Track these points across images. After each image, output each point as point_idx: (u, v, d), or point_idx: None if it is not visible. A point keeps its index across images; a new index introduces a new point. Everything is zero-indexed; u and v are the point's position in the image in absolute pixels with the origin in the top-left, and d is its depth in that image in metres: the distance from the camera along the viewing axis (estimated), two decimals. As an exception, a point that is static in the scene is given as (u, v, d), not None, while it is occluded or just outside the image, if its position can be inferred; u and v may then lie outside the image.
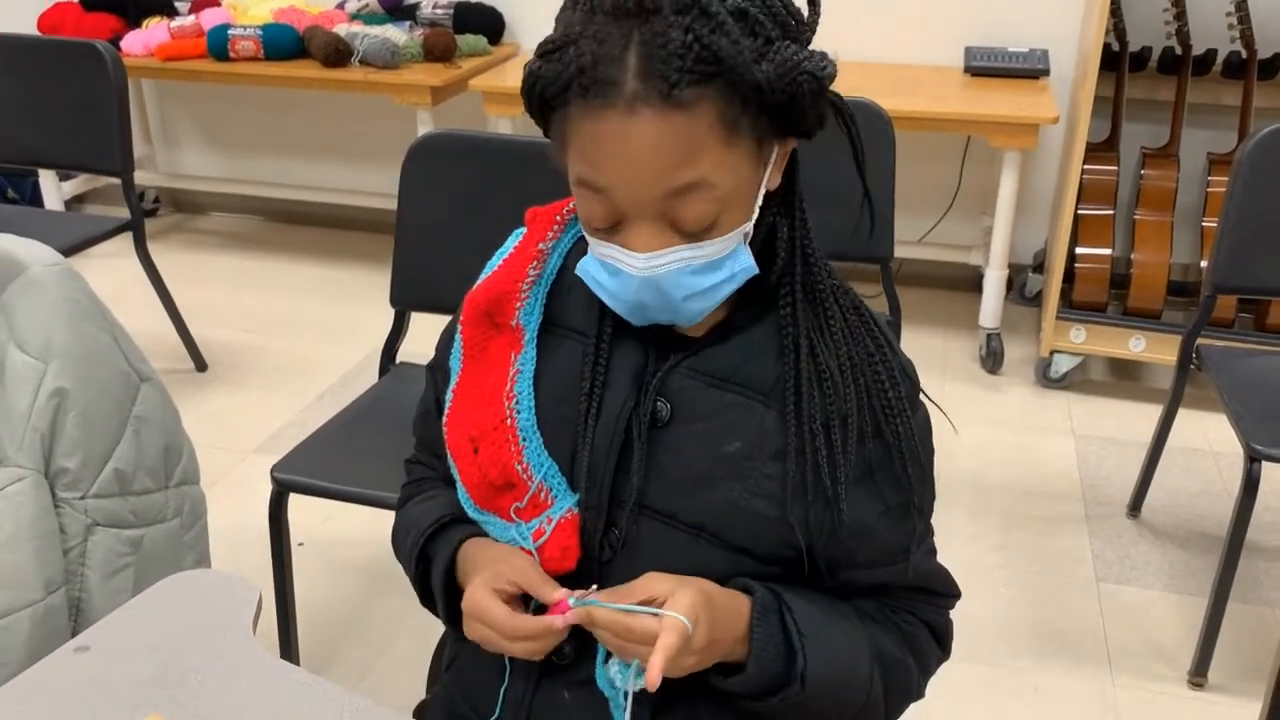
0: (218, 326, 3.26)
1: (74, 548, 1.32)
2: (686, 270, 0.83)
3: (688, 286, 0.83)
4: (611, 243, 0.84)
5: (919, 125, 2.80)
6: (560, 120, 0.81)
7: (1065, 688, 1.94)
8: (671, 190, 0.79)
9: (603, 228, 0.84)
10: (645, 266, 0.82)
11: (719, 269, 0.84)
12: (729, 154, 0.80)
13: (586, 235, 0.87)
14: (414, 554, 1.01)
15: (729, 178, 0.81)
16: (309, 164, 4.01)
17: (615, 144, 0.78)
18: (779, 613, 0.90)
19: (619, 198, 0.81)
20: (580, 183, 0.82)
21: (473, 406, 0.95)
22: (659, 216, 0.81)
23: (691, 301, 0.85)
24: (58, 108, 2.77)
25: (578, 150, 0.81)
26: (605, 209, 0.82)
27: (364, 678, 1.96)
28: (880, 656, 0.95)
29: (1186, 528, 2.39)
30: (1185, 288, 3.14)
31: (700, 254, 0.83)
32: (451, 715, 1.03)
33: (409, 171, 1.84)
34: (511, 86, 3.08)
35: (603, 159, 0.79)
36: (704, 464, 0.90)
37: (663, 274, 0.82)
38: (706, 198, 0.80)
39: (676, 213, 0.81)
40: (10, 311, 1.32)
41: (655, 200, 0.80)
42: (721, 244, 0.83)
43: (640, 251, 0.82)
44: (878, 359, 0.91)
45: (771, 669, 0.89)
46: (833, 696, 0.92)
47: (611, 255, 0.84)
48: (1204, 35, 2.95)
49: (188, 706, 0.89)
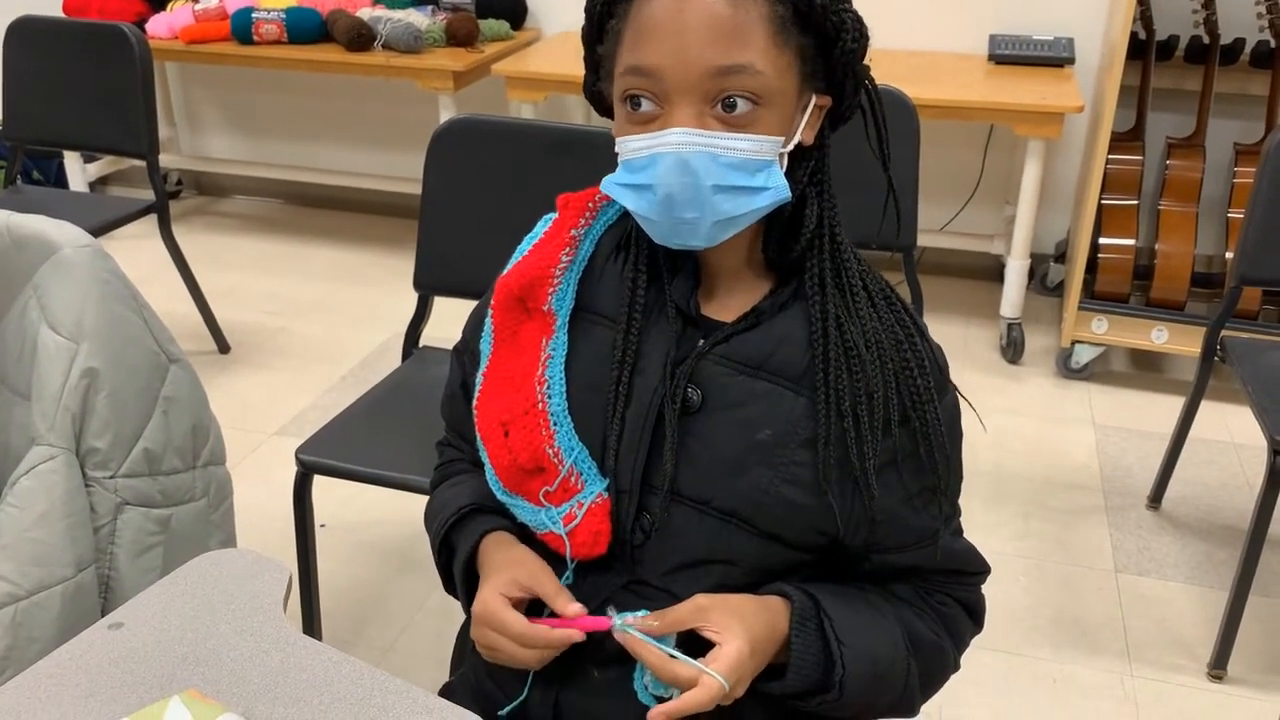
0: (240, 309, 3.28)
1: (104, 526, 1.33)
2: (721, 160, 0.84)
3: (720, 175, 0.84)
4: (649, 131, 0.85)
5: (943, 114, 2.79)
6: (621, 16, 0.86)
7: (1083, 678, 1.94)
8: (720, 68, 0.82)
9: (642, 122, 0.85)
10: (682, 141, 0.83)
11: (752, 174, 0.85)
12: (774, 54, 0.83)
13: (619, 144, 0.88)
14: (437, 542, 1.02)
15: (772, 75, 0.84)
16: (331, 147, 4.02)
17: (675, 16, 0.82)
18: (817, 619, 0.91)
19: (667, 74, 0.83)
20: (630, 70, 0.85)
21: (503, 390, 0.96)
22: (702, 97, 0.83)
23: (722, 198, 0.85)
24: (83, 90, 2.78)
25: (634, 36, 0.85)
26: (651, 94, 0.84)
27: (385, 657, 1.97)
28: (916, 645, 0.96)
29: (1207, 520, 2.38)
30: (1209, 279, 3.12)
31: (736, 145, 0.84)
32: (478, 696, 1.04)
33: (433, 156, 1.85)
34: (534, 71, 3.08)
35: (660, 32, 0.83)
36: (735, 451, 0.90)
37: (698, 152, 0.83)
38: (751, 84, 0.83)
39: (720, 95, 0.83)
40: (43, 292, 1.34)
41: (704, 77, 0.82)
42: (757, 143, 0.85)
43: (679, 127, 0.83)
44: (906, 346, 0.92)
45: (810, 677, 0.91)
46: (871, 693, 0.93)
47: (647, 144, 0.85)
48: (1232, 24, 2.92)
49: (220, 683, 0.90)
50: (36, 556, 1.24)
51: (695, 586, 0.92)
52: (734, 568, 0.92)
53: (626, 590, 0.93)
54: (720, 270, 0.94)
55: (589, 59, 0.95)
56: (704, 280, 0.95)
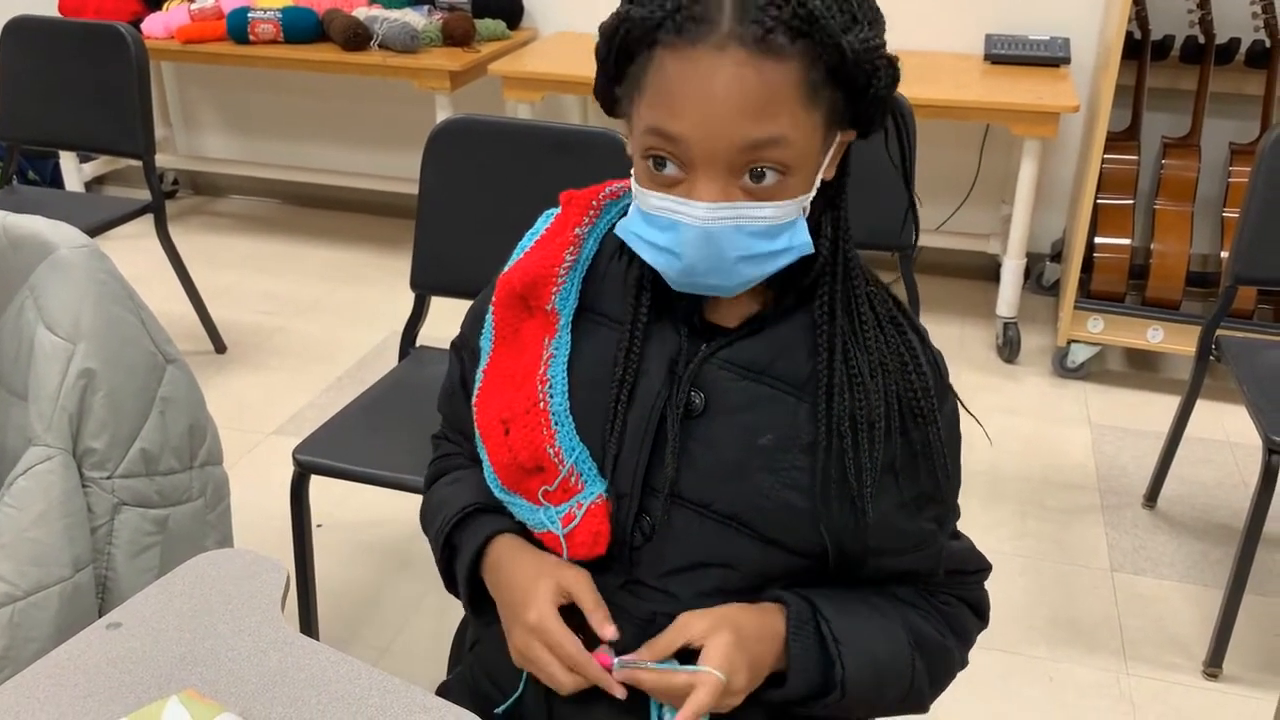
0: (237, 309, 3.28)
1: (101, 527, 1.33)
2: (746, 230, 0.82)
3: (744, 247, 0.83)
4: (672, 195, 0.83)
5: (940, 113, 2.79)
6: (641, 65, 0.81)
7: (1080, 676, 1.94)
8: (750, 143, 0.79)
9: (664, 184, 0.83)
10: (707, 216, 0.81)
11: (777, 237, 0.84)
12: (806, 118, 0.80)
13: (639, 194, 0.85)
14: (440, 541, 1.01)
15: (802, 141, 0.81)
16: (328, 147, 4.02)
17: (702, 83, 0.77)
18: (814, 622, 0.91)
19: (694, 145, 0.79)
20: (653, 131, 0.81)
21: (504, 388, 0.95)
22: (728, 170, 0.80)
23: (744, 265, 0.84)
24: (79, 89, 2.78)
25: (656, 94, 0.80)
26: (675, 159, 0.81)
27: (382, 657, 1.98)
28: (920, 644, 0.96)
29: (1203, 519, 2.39)
30: (1205, 278, 3.12)
31: (761, 214, 0.82)
32: (475, 695, 1.04)
33: (430, 156, 1.85)
34: (531, 71, 3.08)
35: (686, 101, 0.78)
36: (737, 455, 0.90)
37: (723, 227, 0.81)
38: (781, 156, 0.80)
39: (747, 168, 0.80)
40: (39, 292, 1.34)
41: (731, 150, 0.79)
42: (783, 209, 0.83)
43: (704, 201, 0.81)
44: (911, 369, 0.91)
45: (811, 680, 0.91)
46: (875, 693, 0.94)
47: (669, 207, 0.82)
48: (1227, 24, 2.93)
49: (218, 683, 0.90)
50: (34, 557, 1.24)
51: (693, 588, 0.92)
52: (733, 571, 0.92)
53: (624, 590, 0.93)
54: None
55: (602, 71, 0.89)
56: None
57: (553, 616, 0.90)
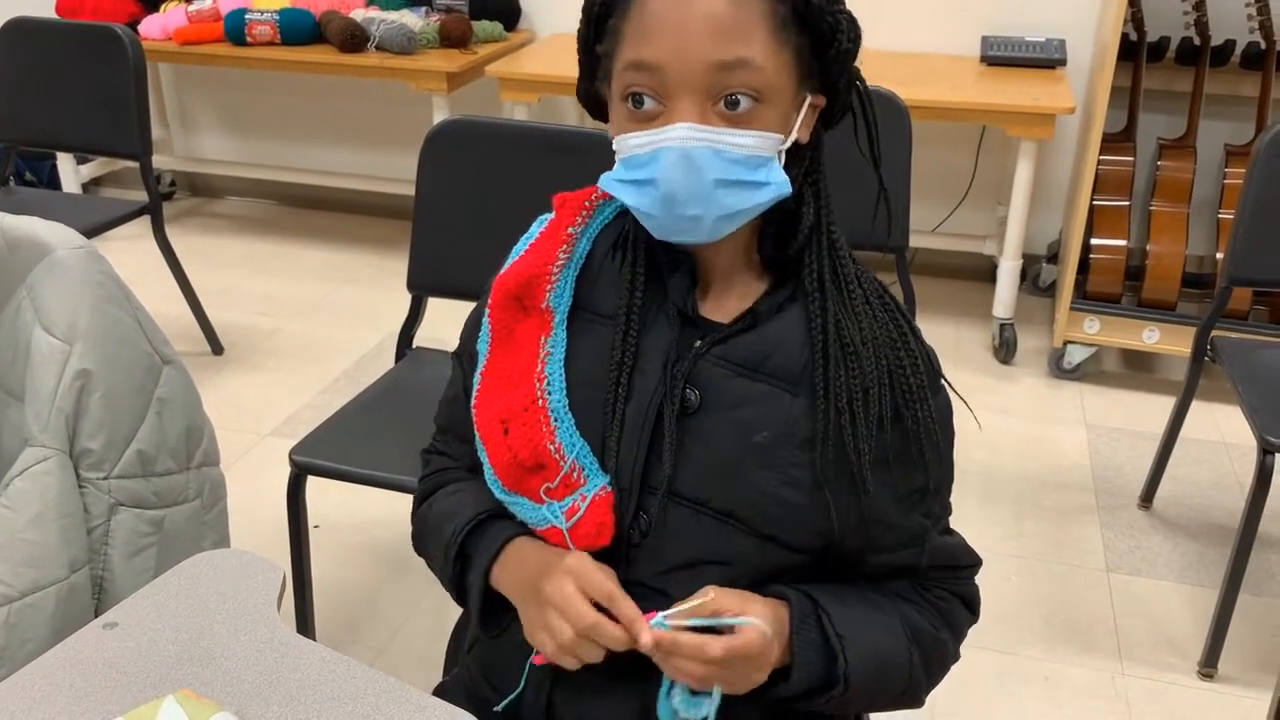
0: (233, 310, 3.28)
1: (97, 527, 1.34)
2: (724, 156, 0.85)
3: (723, 170, 0.85)
4: (651, 129, 0.86)
5: (936, 115, 2.79)
6: (621, 13, 0.87)
7: (1075, 677, 1.95)
8: (722, 63, 0.83)
9: (643, 120, 0.86)
10: (686, 136, 0.84)
11: (754, 170, 0.86)
12: (774, 50, 0.85)
13: (619, 143, 0.89)
14: (452, 550, 0.99)
15: (772, 72, 0.85)
16: (325, 149, 4.02)
17: (675, 14, 0.83)
18: (816, 617, 0.92)
19: (670, 70, 0.84)
20: (632, 65, 0.86)
21: (502, 389, 0.96)
22: (704, 94, 0.84)
23: (724, 192, 0.86)
24: (76, 91, 2.78)
25: (635, 33, 0.85)
26: (653, 91, 0.85)
27: (379, 657, 1.98)
28: (917, 638, 0.97)
29: (1198, 519, 2.39)
30: (1200, 279, 3.13)
31: (737, 140, 0.85)
32: (471, 697, 1.05)
33: (427, 157, 1.85)
34: (528, 73, 3.09)
35: (661, 32, 0.84)
36: (733, 452, 0.91)
37: (701, 149, 0.84)
38: (752, 80, 0.84)
39: (723, 93, 0.84)
40: (36, 293, 1.34)
41: (706, 72, 0.83)
42: (758, 139, 0.86)
43: (682, 122, 0.84)
44: (900, 344, 0.93)
45: (815, 674, 0.92)
46: (876, 686, 0.94)
47: (650, 140, 0.86)
48: (1223, 26, 2.94)
49: (215, 683, 0.91)
50: (30, 557, 1.24)
51: (690, 587, 0.92)
52: (730, 568, 0.92)
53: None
54: (717, 270, 0.95)
55: (585, 61, 0.95)
56: (700, 280, 0.95)
57: (591, 561, 0.90)
